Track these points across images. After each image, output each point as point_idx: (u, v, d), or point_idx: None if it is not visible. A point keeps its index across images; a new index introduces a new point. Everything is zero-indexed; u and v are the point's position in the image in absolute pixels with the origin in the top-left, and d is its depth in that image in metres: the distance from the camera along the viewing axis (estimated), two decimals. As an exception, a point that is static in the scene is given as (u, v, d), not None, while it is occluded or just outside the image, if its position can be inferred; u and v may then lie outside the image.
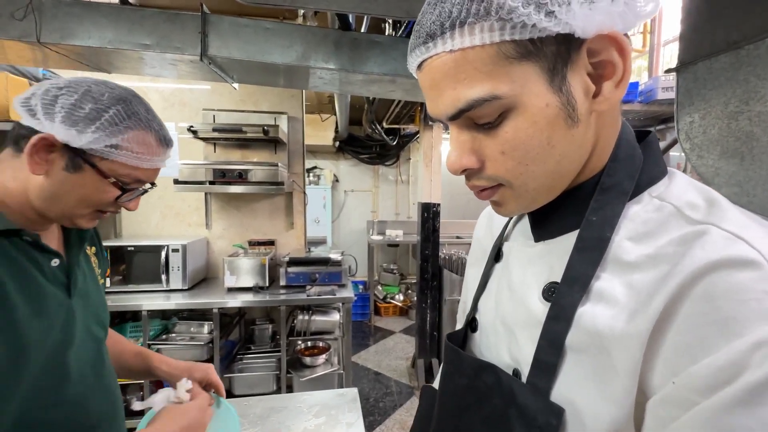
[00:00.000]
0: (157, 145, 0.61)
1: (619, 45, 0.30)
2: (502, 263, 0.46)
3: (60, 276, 0.61)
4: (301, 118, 2.56)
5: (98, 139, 0.55)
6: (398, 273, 4.62)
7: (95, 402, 0.63)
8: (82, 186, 0.57)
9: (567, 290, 0.34)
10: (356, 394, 1.09)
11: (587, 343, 0.32)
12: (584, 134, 0.33)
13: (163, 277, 2.09)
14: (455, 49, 0.30)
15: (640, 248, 0.32)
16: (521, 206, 0.37)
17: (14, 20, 1.23)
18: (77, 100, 0.54)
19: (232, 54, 1.36)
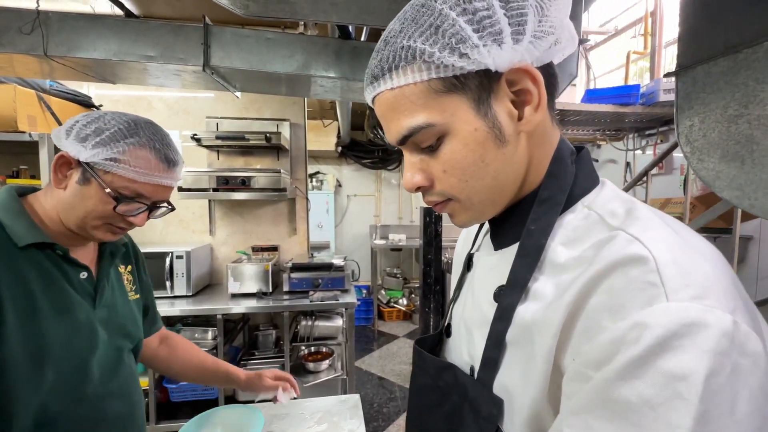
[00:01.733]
0: (156, 161, 0.65)
1: (531, 75, 0.35)
2: (471, 272, 0.51)
3: (87, 287, 0.69)
4: (303, 125, 2.58)
5: (99, 153, 0.61)
6: (401, 277, 4.62)
7: (112, 402, 0.70)
8: (89, 197, 0.63)
9: (509, 292, 0.39)
10: (358, 400, 1.10)
11: (520, 336, 0.37)
12: (514, 152, 0.38)
13: (168, 284, 2.10)
14: (394, 87, 0.36)
15: (569, 252, 0.36)
16: (471, 217, 0.42)
17: (22, 34, 1.26)
18: (88, 122, 0.63)
19: (234, 64, 1.39)
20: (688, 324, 0.26)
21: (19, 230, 0.61)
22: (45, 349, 0.60)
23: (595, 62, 4.22)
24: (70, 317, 0.64)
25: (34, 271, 0.61)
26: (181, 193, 2.11)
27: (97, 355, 0.67)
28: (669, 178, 3.22)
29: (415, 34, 0.34)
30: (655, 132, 3.29)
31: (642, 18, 3.51)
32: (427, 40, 0.34)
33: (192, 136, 2.11)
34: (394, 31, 0.36)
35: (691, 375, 0.25)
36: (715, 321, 0.26)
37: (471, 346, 0.44)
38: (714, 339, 0.26)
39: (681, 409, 0.25)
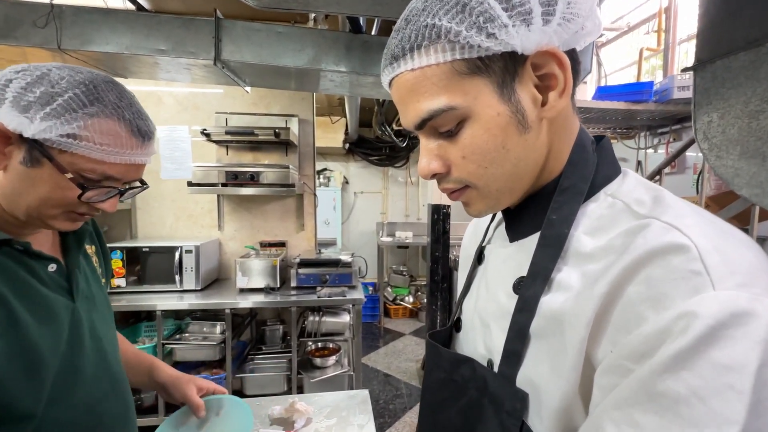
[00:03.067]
0: (128, 136, 0.53)
1: (558, 59, 0.34)
2: (483, 265, 0.50)
3: (59, 280, 0.59)
4: (312, 121, 2.58)
5: (51, 127, 0.48)
6: (408, 275, 4.61)
7: (108, 404, 0.63)
8: (42, 182, 0.50)
9: (531, 283, 0.38)
10: (367, 395, 1.09)
11: (547, 327, 0.36)
12: (536, 139, 0.37)
13: (177, 278, 2.12)
14: (415, 68, 0.35)
15: (594, 241, 0.35)
16: (488, 206, 0.41)
17: (36, 28, 1.27)
18: (29, 83, 0.48)
19: (244, 58, 1.38)
20: (738, 313, 0.25)
21: None
22: (36, 358, 0.52)
23: (607, 59, 4.16)
24: (51, 318, 0.55)
25: None
26: (190, 187, 2.12)
27: (85, 354, 0.59)
28: (681, 177, 3.16)
29: (440, 12, 0.33)
30: (668, 130, 3.23)
31: (655, 14, 3.45)
32: (453, 18, 0.33)
33: (202, 131, 2.12)
34: (417, 10, 0.35)
35: (743, 366, 0.24)
36: (764, 310, 0.25)
37: (488, 339, 0.43)
38: (765, 328, 0.25)
39: (733, 400, 0.24)
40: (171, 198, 2.46)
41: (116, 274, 2.07)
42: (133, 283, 2.11)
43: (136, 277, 2.13)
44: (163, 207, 2.47)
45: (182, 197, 2.45)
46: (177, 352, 2.07)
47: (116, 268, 2.07)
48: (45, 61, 1.57)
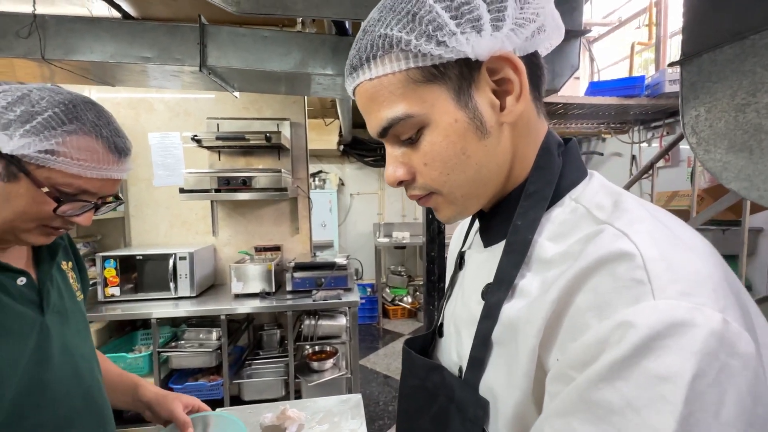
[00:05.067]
0: (105, 152, 0.55)
1: (513, 64, 0.34)
2: (463, 270, 0.50)
3: (29, 294, 0.59)
4: (304, 124, 2.57)
5: (29, 144, 0.50)
6: (406, 275, 4.60)
7: (81, 420, 0.61)
8: (18, 196, 0.52)
9: (496, 290, 0.38)
10: (360, 400, 1.09)
11: (505, 334, 0.36)
12: (497, 144, 0.37)
13: (172, 285, 2.11)
14: (373, 77, 0.35)
15: (556, 247, 0.35)
16: (455, 212, 0.41)
17: (19, 38, 1.27)
18: (10, 102, 0.50)
19: (231, 63, 1.38)
20: (675, 323, 0.25)
21: None
22: None
23: (599, 54, 4.16)
24: (11, 333, 0.55)
25: None
26: (183, 194, 2.12)
27: (53, 369, 0.58)
28: (676, 170, 3.17)
29: (393, 22, 0.34)
30: (661, 124, 3.24)
31: (646, 8, 3.45)
32: (404, 27, 0.33)
33: (192, 137, 2.11)
34: (373, 20, 0.36)
35: (676, 376, 0.24)
36: (704, 320, 0.25)
37: (459, 346, 0.44)
38: (701, 339, 0.24)
39: (664, 411, 0.24)
40: (165, 205, 2.45)
41: (110, 283, 2.06)
42: (128, 291, 2.11)
43: (132, 285, 2.12)
44: (157, 214, 2.46)
45: (176, 204, 2.44)
46: (173, 360, 2.06)
47: (110, 276, 2.06)
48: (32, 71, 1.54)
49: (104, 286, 2.05)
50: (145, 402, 0.79)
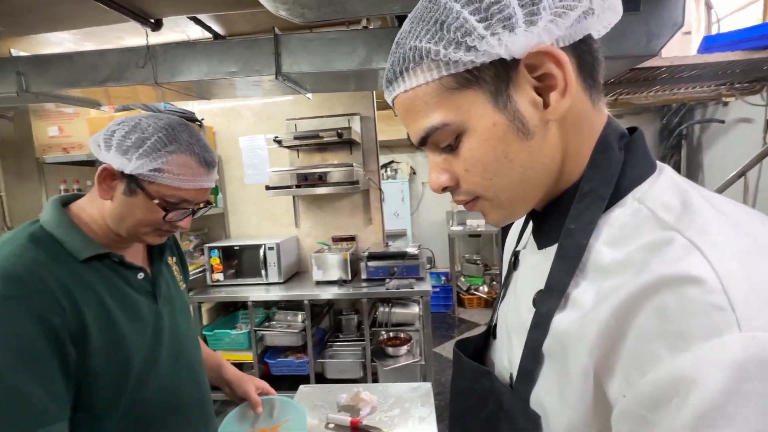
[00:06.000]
0: (197, 166, 0.65)
1: (554, 57, 0.32)
2: (517, 271, 0.48)
3: (146, 286, 0.71)
4: (373, 117, 2.63)
5: (143, 165, 0.61)
6: (482, 264, 4.47)
7: (186, 389, 0.74)
8: (137, 207, 0.64)
9: (547, 298, 0.36)
10: (430, 388, 1.11)
11: (557, 348, 0.34)
12: (542, 144, 0.35)
13: (263, 272, 2.38)
14: (407, 89, 0.35)
15: (613, 253, 0.32)
16: (503, 215, 0.40)
17: (138, 68, 1.52)
18: (127, 132, 0.62)
19: (302, 68, 1.47)
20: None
21: (75, 245, 0.62)
22: (125, 354, 0.64)
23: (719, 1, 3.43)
24: (138, 318, 0.67)
25: (99, 282, 0.63)
26: (268, 191, 2.35)
27: (164, 347, 0.70)
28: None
29: (422, 33, 0.33)
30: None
31: (789, -69, 2.72)
32: (432, 37, 0.33)
33: (274, 139, 2.31)
34: (404, 32, 0.36)
35: None
36: None
37: (510, 353, 0.43)
38: None
39: None
40: (255, 201, 2.75)
41: (215, 269, 2.40)
42: (230, 276, 2.43)
43: (234, 271, 2.44)
44: (249, 209, 2.77)
45: (264, 199, 2.72)
46: (267, 338, 2.34)
47: (215, 264, 2.40)
48: (150, 94, 1.81)
49: (211, 272, 2.40)
50: (226, 380, 0.94)
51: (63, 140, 2.16)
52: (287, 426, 0.90)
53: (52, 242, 0.61)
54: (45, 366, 0.55)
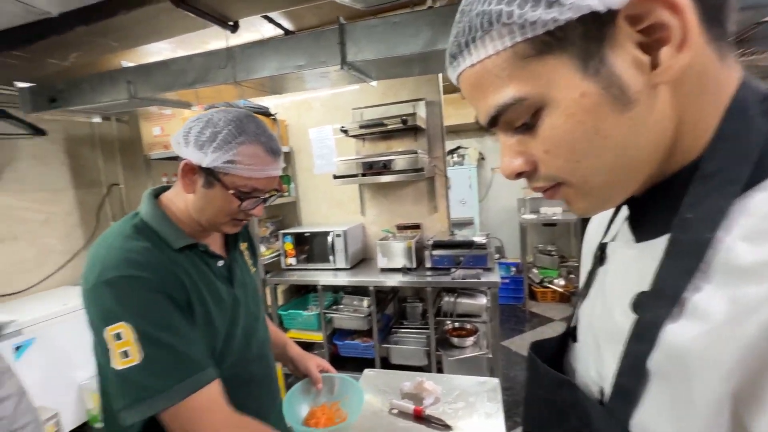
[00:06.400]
0: (265, 155, 0.69)
1: (667, 1, 0.25)
2: (605, 266, 0.41)
3: (224, 272, 0.79)
4: (439, 101, 2.55)
5: (218, 157, 0.66)
6: (557, 255, 4.13)
7: (253, 365, 0.82)
8: (215, 198, 0.69)
9: (653, 303, 0.30)
10: (497, 385, 1.06)
11: (670, 367, 0.28)
12: (648, 114, 0.28)
13: (331, 258, 2.49)
14: (474, 63, 0.31)
15: (756, 251, 0.25)
16: (593, 204, 0.34)
17: (220, 69, 1.66)
18: (201, 128, 0.67)
19: (365, 56, 1.47)
20: None
21: (171, 236, 0.70)
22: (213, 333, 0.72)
23: None
24: (220, 301, 0.74)
25: (191, 267, 0.71)
26: (335, 180, 2.43)
27: (239, 327, 0.78)
28: None
29: None
30: None
31: None
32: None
33: (340, 128, 2.37)
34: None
35: None
36: None
37: (599, 363, 0.37)
38: None
39: None
40: (323, 189, 2.87)
41: (288, 254, 2.58)
42: (302, 261, 2.59)
43: (305, 256, 2.60)
44: (319, 197, 2.90)
45: (332, 188, 2.83)
46: (335, 321, 2.45)
47: (288, 249, 2.57)
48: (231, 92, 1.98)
49: (285, 256, 2.58)
50: (290, 357, 1.02)
51: (164, 138, 2.47)
52: (346, 402, 0.93)
53: (152, 233, 0.70)
54: (182, 330, 0.65)
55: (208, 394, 0.65)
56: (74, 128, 2.70)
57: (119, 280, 0.62)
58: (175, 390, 0.61)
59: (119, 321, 0.60)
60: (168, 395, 0.61)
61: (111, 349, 0.60)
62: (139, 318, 0.61)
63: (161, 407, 0.60)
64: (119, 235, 0.68)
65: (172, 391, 0.61)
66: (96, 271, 0.62)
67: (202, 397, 0.64)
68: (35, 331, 1.95)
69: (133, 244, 0.66)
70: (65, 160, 2.65)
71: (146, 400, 0.60)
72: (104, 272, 0.62)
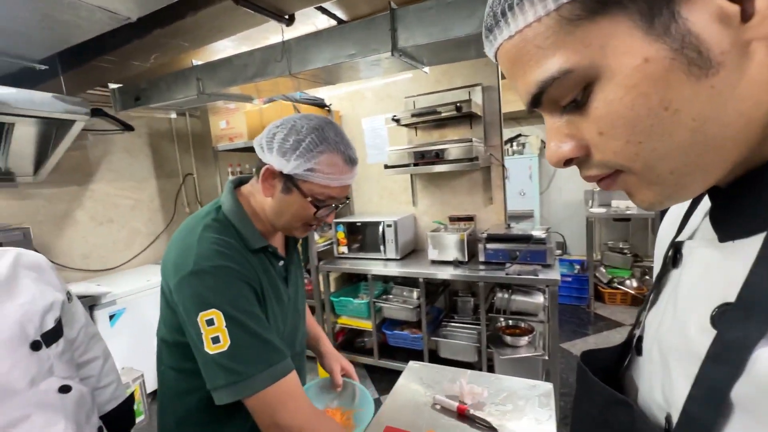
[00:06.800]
0: (343, 164, 0.71)
1: None
2: (679, 269, 0.34)
3: (283, 272, 0.82)
4: (497, 86, 2.40)
5: (299, 165, 0.68)
6: (630, 253, 3.73)
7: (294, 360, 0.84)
8: (293, 204, 0.72)
9: (741, 318, 0.24)
10: (551, 390, 0.98)
11: (761, 401, 0.22)
12: (737, 80, 0.23)
13: (381, 248, 2.50)
14: (512, 33, 0.27)
15: None
16: (662, 195, 0.28)
17: (276, 62, 1.72)
18: (285, 134, 0.69)
19: (417, 41, 1.42)
20: None
21: (250, 236, 0.73)
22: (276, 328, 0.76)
23: None
24: (280, 301, 0.79)
25: (260, 266, 0.74)
26: (387, 169, 2.42)
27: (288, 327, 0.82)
28: None
29: None
30: None
31: None
32: None
33: (392, 118, 2.35)
34: None
35: None
36: None
37: (667, 385, 0.30)
38: None
39: None
40: (375, 179, 2.88)
41: (341, 243, 2.64)
42: (354, 250, 2.64)
43: (358, 245, 2.64)
44: (371, 187, 2.92)
45: (384, 178, 2.83)
46: (384, 310, 2.47)
47: (341, 238, 2.63)
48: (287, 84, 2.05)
49: (337, 245, 2.65)
50: (319, 352, 1.06)
51: (229, 131, 2.65)
52: (359, 415, 0.94)
53: (233, 230, 0.73)
54: (262, 319, 0.70)
55: (291, 381, 0.68)
56: (156, 124, 3.01)
57: (214, 270, 0.65)
58: (263, 376, 0.65)
59: (212, 308, 0.64)
60: (255, 381, 0.64)
61: (203, 334, 0.64)
62: (229, 305, 0.65)
63: (250, 392, 0.64)
64: (207, 228, 0.71)
65: (259, 377, 0.64)
66: (191, 261, 0.66)
67: (287, 384, 0.67)
68: (126, 302, 2.24)
69: (221, 238, 0.70)
70: (149, 152, 2.97)
71: (237, 384, 0.63)
72: (199, 261, 0.66)
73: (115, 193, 2.72)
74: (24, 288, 0.67)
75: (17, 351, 0.61)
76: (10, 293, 0.65)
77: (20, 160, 2.10)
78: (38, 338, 0.65)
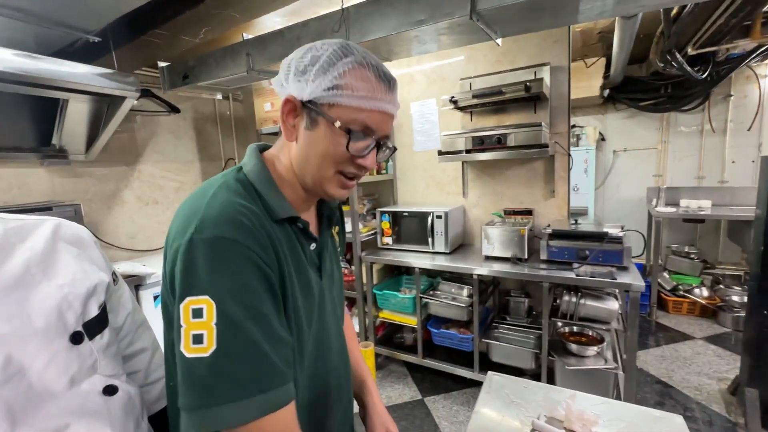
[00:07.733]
0: (376, 81, 0.55)
1: None
2: None
3: (315, 258, 0.65)
4: (567, 66, 2.15)
5: (320, 83, 0.54)
6: (699, 259, 3.37)
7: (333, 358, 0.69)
8: (320, 140, 0.57)
9: None
10: (683, 423, 0.79)
11: None
12: None
13: (429, 240, 2.33)
14: None
15: None
16: None
17: (334, 33, 1.57)
18: (302, 55, 0.57)
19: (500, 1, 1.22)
20: None
21: (275, 203, 0.58)
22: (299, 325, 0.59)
23: None
24: (309, 292, 0.62)
25: (287, 245, 0.58)
26: (441, 156, 2.24)
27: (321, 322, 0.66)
28: None
29: None
30: None
31: None
32: None
33: (450, 98, 2.15)
34: None
35: None
36: None
37: None
38: None
39: None
40: (422, 167, 2.71)
41: (385, 233, 2.49)
42: (395, 241, 2.49)
43: (396, 237, 2.49)
44: (416, 176, 2.75)
45: (431, 166, 2.65)
46: (431, 307, 2.31)
47: (385, 228, 2.49)
48: None
49: (382, 235, 2.51)
50: (361, 401, 0.83)
51: (274, 114, 2.55)
52: None
53: (256, 194, 0.58)
54: (272, 323, 0.52)
55: (285, 417, 0.50)
56: (201, 106, 2.97)
57: (218, 242, 0.49)
58: (249, 403, 0.47)
59: (204, 294, 0.48)
60: (239, 409, 0.47)
61: (183, 327, 0.48)
62: (228, 295, 0.48)
63: (226, 424, 0.47)
64: (222, 186, 0.56)
65: (244, 405, 0.47)
66: (194, 224, 0.50)
67: (279, 419, 0.49)
68: (168, 284, 2.20)
69: (239, 200, 0.54)
70: (193, 135, 2.94)
71: (211, 408, 0.46)
72: (203, 227, 0.50)
73: (161, 175, 2.71)
74: (63, 266, 0.55)
75: (54, 344, 0.50)
76: (47, 272, 0.53)
77: (73, 138, 2.09)
78: (80, 329, 0.54)
